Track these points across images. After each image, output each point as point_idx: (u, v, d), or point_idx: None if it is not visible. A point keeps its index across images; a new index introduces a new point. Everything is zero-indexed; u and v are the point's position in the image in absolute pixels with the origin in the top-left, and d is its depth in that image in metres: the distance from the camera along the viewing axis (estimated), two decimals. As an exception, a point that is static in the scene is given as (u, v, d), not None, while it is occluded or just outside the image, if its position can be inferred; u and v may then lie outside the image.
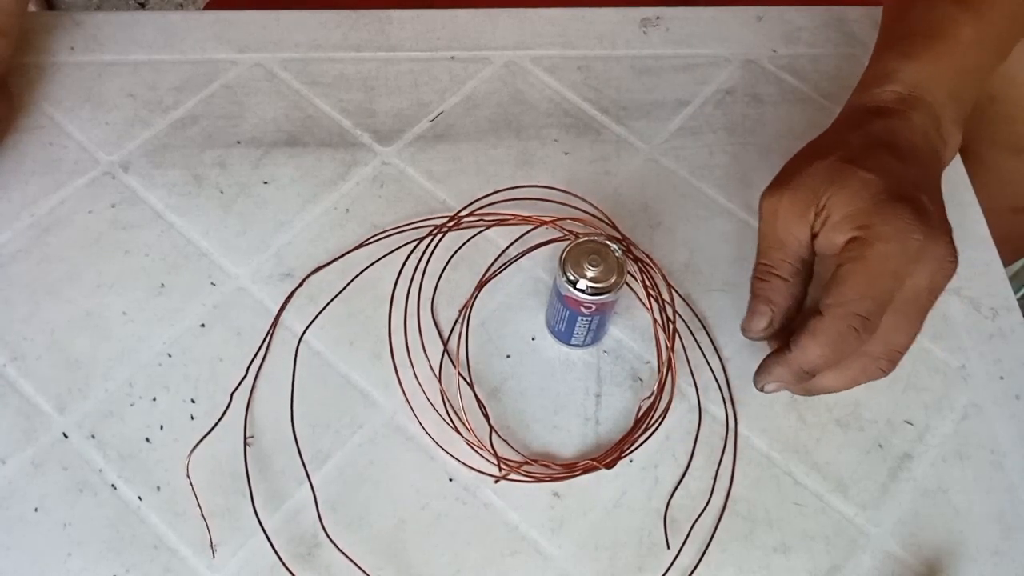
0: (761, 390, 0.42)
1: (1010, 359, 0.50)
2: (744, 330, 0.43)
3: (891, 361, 0.41)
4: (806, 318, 0.40)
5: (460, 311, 0.49)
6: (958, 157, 0.57)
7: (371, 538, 0.43)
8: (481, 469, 0.44)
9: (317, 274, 0.50)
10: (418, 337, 0.48)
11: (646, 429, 0.46)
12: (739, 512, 0.44)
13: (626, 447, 0.45)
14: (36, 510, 0.43)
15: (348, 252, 0.51)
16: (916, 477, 0.46)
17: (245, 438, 0.45)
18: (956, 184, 0.56)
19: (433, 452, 0.45)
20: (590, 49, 0.61)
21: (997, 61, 0.49)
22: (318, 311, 0.49)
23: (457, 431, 0.45)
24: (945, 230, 0.40)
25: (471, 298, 0.50)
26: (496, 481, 0.44)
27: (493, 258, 0.51)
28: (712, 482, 0.45)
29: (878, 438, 0.47)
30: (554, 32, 0.61)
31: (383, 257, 0.51)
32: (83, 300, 0.49)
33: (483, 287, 0.50)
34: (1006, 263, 0.79)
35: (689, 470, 0.45)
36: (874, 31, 0.63)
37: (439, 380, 0.47)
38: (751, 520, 0.44)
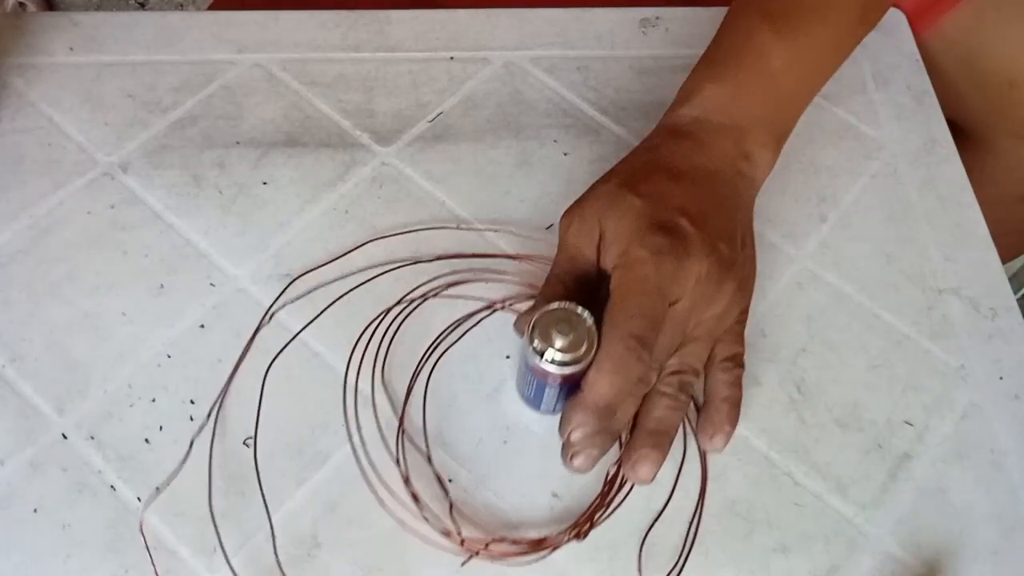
0: (569, 443, 0.40)
1: (1010, 359, 0.50)
2: (516, 322, 0.45)
3: (676, 387, 0.43)
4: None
5: (412, 376, 0.48)
6: (956, 158, 0.57)
7: (370, 539, 0.43)
8: (446, 547, 0.42)
9: (316, 274, 0.50)
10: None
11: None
12: (738, 512, 0.44)
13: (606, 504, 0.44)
14: (35, 511, 0.43)
15: (347, 253, 0.51)
16: (916, 477, 0.46)
17: (244, 439, 0.45)
18: (955, 184, 0.56)
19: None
20: (589, 49, 0.61)
21: (817, 85, 0.51)
22: (317, 312, 0.49)
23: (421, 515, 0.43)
24: (708, 251, 0.41)
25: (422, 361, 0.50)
26: (463, 564, 0.42)
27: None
28: (710, 483, 0.45)
29: (877, 438, 0.47)
30: (553, 32, 0.61)
31: (381, 264, 0.51)
32: (82, 301, 0.49)
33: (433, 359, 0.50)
34: (1013, 255, 0.79)
35: (688, 470, 0.45)
36: (873, 33, 0.63)
37: (399, 465, 0.46)
38: (750, 520, 0.44)
